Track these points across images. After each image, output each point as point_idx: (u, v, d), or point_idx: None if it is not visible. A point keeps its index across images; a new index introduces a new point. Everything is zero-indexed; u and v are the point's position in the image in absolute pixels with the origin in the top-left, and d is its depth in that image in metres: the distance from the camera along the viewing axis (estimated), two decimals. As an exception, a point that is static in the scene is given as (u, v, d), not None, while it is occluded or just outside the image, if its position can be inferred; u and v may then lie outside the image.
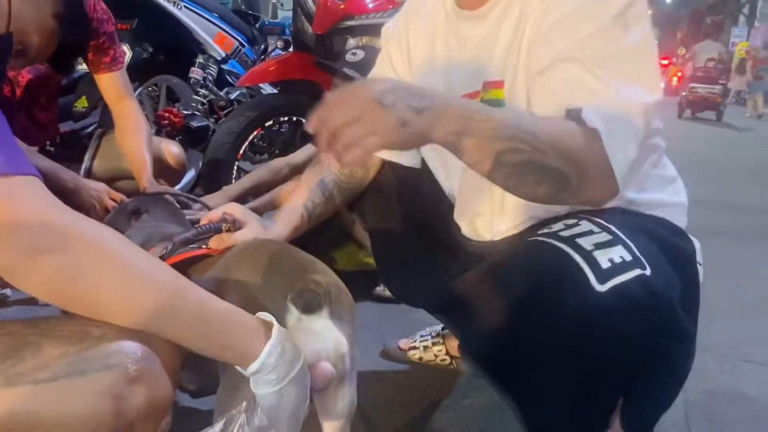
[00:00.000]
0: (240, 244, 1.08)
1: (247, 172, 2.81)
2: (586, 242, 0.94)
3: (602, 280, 0.89)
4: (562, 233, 0.97)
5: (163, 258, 1.05)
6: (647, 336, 0.90)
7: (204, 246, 1.10)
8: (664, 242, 1.01)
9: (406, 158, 1.37)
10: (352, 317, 0.95)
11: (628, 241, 0.95)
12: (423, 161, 1.37)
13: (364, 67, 2.13)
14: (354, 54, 2.17)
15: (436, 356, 1.69)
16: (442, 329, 1.75)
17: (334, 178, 1.35)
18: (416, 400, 1.57)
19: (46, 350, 0.67)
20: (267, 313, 0.83)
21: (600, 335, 0.88)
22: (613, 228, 0.97)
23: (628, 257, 0.93)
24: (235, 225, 1.12)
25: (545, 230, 1.01)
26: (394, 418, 1.47)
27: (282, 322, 0.84)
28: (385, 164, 1.39)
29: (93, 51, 2.01)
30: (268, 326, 0.79)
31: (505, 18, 1.13)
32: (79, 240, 0.67)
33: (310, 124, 0.89)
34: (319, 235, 1.32)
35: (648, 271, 0.91)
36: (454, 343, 1.70)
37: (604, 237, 0.96)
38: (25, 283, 0.66)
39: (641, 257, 0.93)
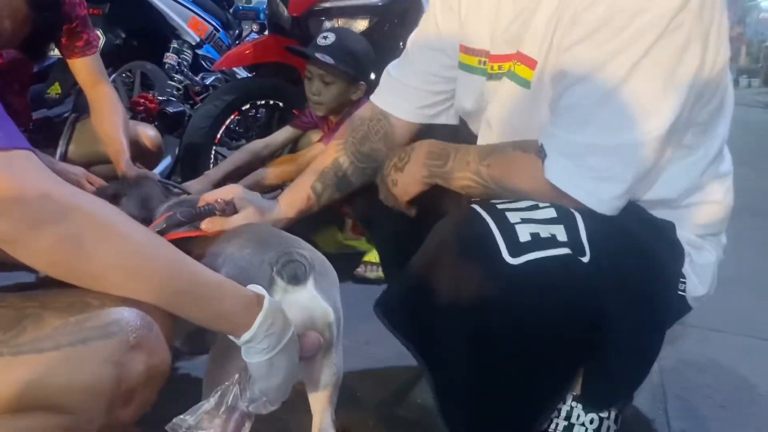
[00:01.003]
0: (228, 230, 1.10)
1: (224, 157, 2.81)
2: (515, 215, 0.97)
3: (515, 253, 0.92)
4: (501, 204, 1.01)
5: (161, 233, 1.08)
6: (546, 315, 0.92)
7: (196, 228, 1.12)
8: (636, 242, 1.01)
9: (444, 118, 1.35)
10: (337, 289, 0.99)
11: (578, 224, 0.96)
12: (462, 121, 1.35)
13: (335, 50, 2.13)
14: (325, 38, 2.16)
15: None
16: None
17: (352, 160, 1.32)
18: (403, 376, 1.59)
19: (47, 321, 0.69)
20: (259, 281, 0.86)
21: (497, 304, 0.93)
22: (571, 211, 0.98)
23: (563, 237, 0.94)
24: (229, 209, 1.14)
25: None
26: (380, 395, 1.49)
27: (269, 294, 0.86)
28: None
29: (66, 35, 1.99)
30: (260, 298, 0.82)
31: None
32: (79, 211, 0.68)
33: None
34: (300, 219, 1.32)
35: (585, 258, 0.93)
36: None
37: (548, 214, 0.98)
38: (26, 253, 0.67)
39: (584, 243, 0.94)
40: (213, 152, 2.68)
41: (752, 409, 1.55)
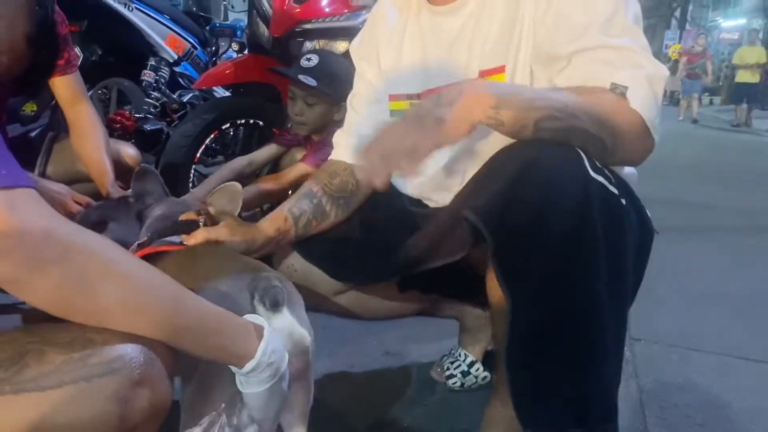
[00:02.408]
0: (188, 248, 1.10)
1: (202, 175, 2.79)
2: None
3: (595, 172, 0.99)
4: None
5: (141, 246, 1.09)
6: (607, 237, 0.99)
7: (181, 242, 1.12)
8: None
9: None
10: (304, 310, 1.00)
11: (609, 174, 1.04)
12: None
13: (318, 72, 2.14)
14: (309, 60, 2.18)
15: (476, 377, 1.63)
16: (458, 345, 1.69)
17: (324, 189, 1.35)
18: (388, 396, 1.59)
19: (49, 357, 0.68)
20: (238, 310, 0.85)
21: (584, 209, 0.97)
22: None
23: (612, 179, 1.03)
24: (211, 219, 1.16)
25: None
26: (367, 417, 1.49)
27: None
28: None
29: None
30: (257, 327, 0.82)
31: (489, 3, 1.17)
32: (81, 250, 0.68)
33: (361, 157, 1.01)
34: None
35: (623, 200, 1.02)
36: (479, 350, 1.65)
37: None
38: (28, 294, 0.66)
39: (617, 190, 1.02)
40: (192, 171, 2.66)
41: (729, 427, 1.59)
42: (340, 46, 2.71)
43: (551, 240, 0.97)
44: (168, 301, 0.75)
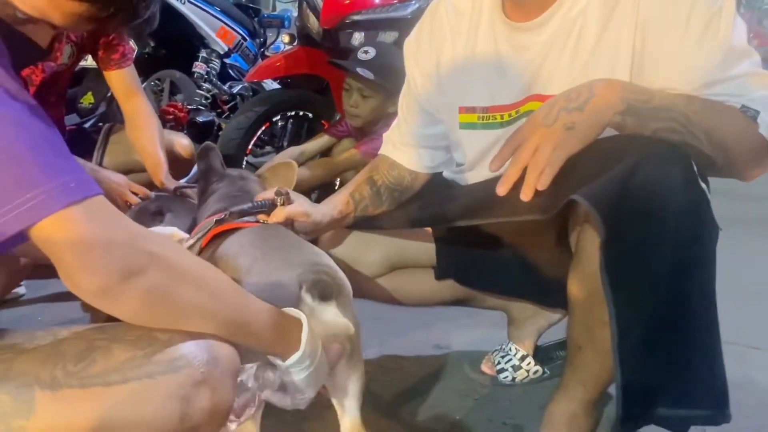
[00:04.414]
0: (250, 229, 1.14)
1: (254, 166, 2.83)
2: None
3: (700, 177, 0.99)
4: None
5: (220, 222, 1.14)
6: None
7: (256, 220, 1.18)
8: None
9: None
10: (352, 301, 1.04)
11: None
12: None
13: (375, 65, 2.14)
14: (366, 52, 2.19)
15: (527, 371, 1.60)
16: (508, 339, 1.66)
17: (383, 179, 1.41)
18: (438, 389, 1.59)
19: (116, 354, 0.69)
20: (285, 301, 0.89)
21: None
22: None
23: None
24: (288, 199, 1.22)
25: None
26: (417, 410, 1.49)
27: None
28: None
29: (102, 48, 2.02)
30: (297, 320, 0.85)
31: (578, 23, 1.13)
32: (162, 258, 0.69)
33: (494, 165, 1.07)
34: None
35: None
36: (529, 344, 1.63)
37: None
38: (116, 305, 0.68)
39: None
40: (244, 162, 2.70)
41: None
42: (389, 36, 2.70)
43: (666, 237, 0.97)
44: (234, 303, 0.77)
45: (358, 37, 2.72)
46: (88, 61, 2.28)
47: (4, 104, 0.62)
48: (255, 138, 2.71)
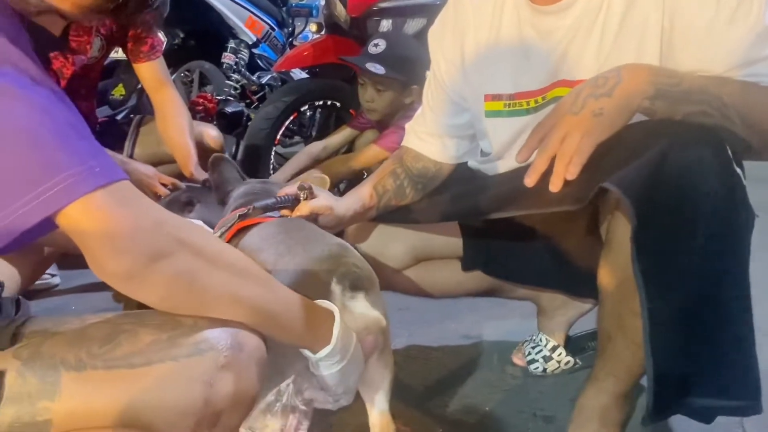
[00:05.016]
0: (272, 222, 1.15)
1: (282, 156, 2.84)
2: None
3: (735, 162, 0.98)
4: None
5: (243, 217, 1.14)
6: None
7: (279, 215, 1.20)
8: None
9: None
10: (381, 295, 1.03)
11: None
12: None
13: (386, 58, 2.12)
14: (376, 45, 2.16)
15: (559, 362, 1.58)
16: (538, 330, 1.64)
17: (407, 171, 1.40)
18: (468, 380, 1.57)
19: (141, 337, 0.70)
20: (314, 294, 0.89)
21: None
22: None
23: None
24: (312, 194, 1.22)
25: None
26: (446, 401, 1.48)
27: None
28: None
29: (132, 40, 2.04)
30: (329, 312, 0.84)
31: (604, 6, 1.11)
32: (191, 243, 0.69)
33: (522, 156, 1.06)
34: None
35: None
36: (559, 334, 1.61)
37: None
38: (143, 289, 0.67)
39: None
40: (272, 152, 2.71)
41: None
42: (417, 23, 2.68)
43: (699, 224, 0.95)
44: (263, 291, 0.76)
45: (385, 25, 2.70)
46: (119, 53, 2.30)
47: (28, 90, 0.62)
48: (283, 128, 2.71)
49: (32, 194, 0.60)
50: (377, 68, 2.12)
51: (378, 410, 1.06)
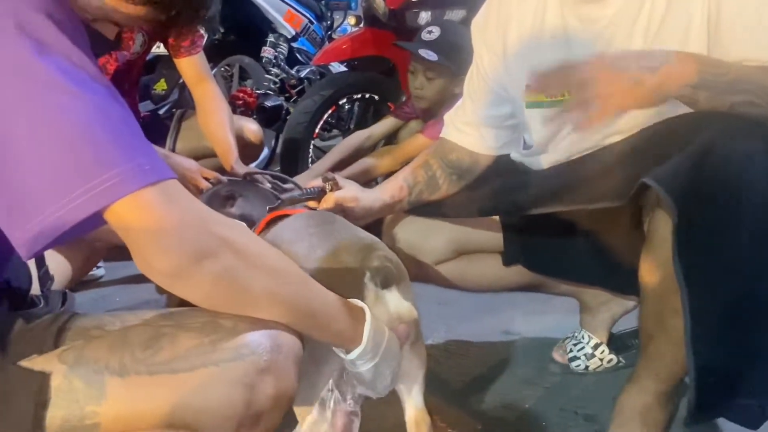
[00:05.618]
0: (301, 215, 1.16)
1: (320, 150, 2.85)
2: None
3: None
4: None
5: (272, 209, 1.16)
6: None
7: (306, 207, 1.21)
8: None
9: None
10: (410, 285, 1.02)
11: None
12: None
13: (439, 45, 2.10)
14: (430, 32, 2.14)
15: (601, 360, 1.55)
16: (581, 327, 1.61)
17: (440, 163, 1.39)
18: (507, 377, 1.56)
19: (182, 341, 0.70)
20: (347, 287, 0.89)
21: None
22: None
23: None
24: (336, 185, 1.23)
25: None
26: (486, 397, 1.47)
27: (361, 296, 0.90)
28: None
29: (173, 36, 2.05)
30: (361, 311, 0.84)
31: (633, 4, 1.10)
32: (234, 242, 0.69)
33: (533, 80, 1.02)
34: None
35: None
36: (602, 332, 1.57)
37: None
38: (187, 287, 0.68)
39: None
40: (311, 146, 2.72)
41: None
42: (456, 14, 2.65)
43: (743, 221, 0.92)
44: (302, 290, 0.77)
45: (424, 17, 2.68)
46: (161, 48, 2.33)
47: (83, 87, 0.63)
48: (322, 121, 2.72)
49: (82, 189, 0.61)
50: (430, 55, 2.11)
51: (413, 403, 1.06)
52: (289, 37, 3.57)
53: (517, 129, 1.38)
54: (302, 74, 3.53)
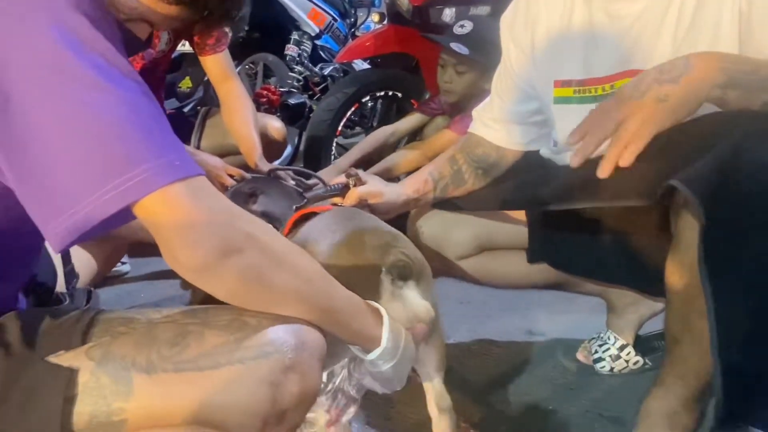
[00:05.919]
0: (327, 213, 1.16)
1: (343, 147, 2.85)
2: None
3: None
4: None
5: (298, 208, 1.18)
6: None
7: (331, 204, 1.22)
8: None
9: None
10: (432, 283, 1.03)
11: None
12: None
13: (470, 39, 2.09)
14: (462, 26, 2.13)
15: (627, 362, 1.53)
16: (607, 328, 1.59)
17: (466, 157, 1.39)
18: (532, 377, 1.55)
19: (207, 339, 0.71)
20: (365, 283, 0.90)
21: None
22: None
23: None
24: (360, 180, 1.24)
25: None
26: (509, 398, 1.46)
27: (378, 293, 0.92)
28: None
29: (198, 34, 2.07)
30: (376, 310, 0.85)
31: (661, 1, 1.09)
32: (260, 239, 0.70)
33: (573, 138, 1.01)
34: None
35: None
36: (629, 333, 1.56)
37: None
38: (213, 282, 0.69)
39: None
40: (334, 144, 2.72)
41: None
42: (481, 11, 2.64)
43: None
44: (324, 289, 0.77)
45: (448, 13, 2.67)
46: (186, 46, 2.35)
47: (116, 83, 0.64)
48: (345, 119, 2.73)
49: (113, 184, 0.62)
50: (461, 48, 2.10)
51: (433, 382, 1.09)
52: (312, 34, 3.58)
53: (546, 125, 1.37)
54: (326, 72, 3.54)
